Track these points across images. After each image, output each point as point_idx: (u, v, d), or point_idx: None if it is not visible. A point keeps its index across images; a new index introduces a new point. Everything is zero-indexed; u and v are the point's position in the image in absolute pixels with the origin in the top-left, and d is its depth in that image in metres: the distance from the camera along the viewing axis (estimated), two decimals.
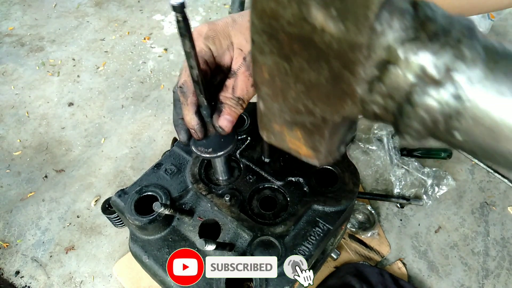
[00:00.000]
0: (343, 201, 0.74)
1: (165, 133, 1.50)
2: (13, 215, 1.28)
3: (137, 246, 0.74)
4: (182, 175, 0.80)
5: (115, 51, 1.86)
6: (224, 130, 0.63)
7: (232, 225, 0.72)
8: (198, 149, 0.66)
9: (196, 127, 0.63)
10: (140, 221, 0.70)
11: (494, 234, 1.20)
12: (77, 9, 2.11)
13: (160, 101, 1.63)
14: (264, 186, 0.79)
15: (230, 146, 0.67)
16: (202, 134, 0.64)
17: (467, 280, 1.11)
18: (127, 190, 0.78)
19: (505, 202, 1.27)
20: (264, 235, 0.69)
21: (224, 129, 0.63)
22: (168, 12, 2.07)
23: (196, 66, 0.53)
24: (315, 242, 0.70)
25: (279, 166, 0.81)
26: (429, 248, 1.18)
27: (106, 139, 1.50)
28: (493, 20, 1.64)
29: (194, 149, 0.67)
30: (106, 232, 1.23)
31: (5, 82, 1.72)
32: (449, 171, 1.33)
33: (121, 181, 1.36)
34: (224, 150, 0.66)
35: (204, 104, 0.60)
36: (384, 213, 1.25)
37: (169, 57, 1.82)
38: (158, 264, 0.71)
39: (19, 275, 1.16)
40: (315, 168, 0.80)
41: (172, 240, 0.73)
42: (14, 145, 1.48)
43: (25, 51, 1.87)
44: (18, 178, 1.38)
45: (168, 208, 0.66)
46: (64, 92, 1.68)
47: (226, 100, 0.62)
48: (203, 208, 0.75)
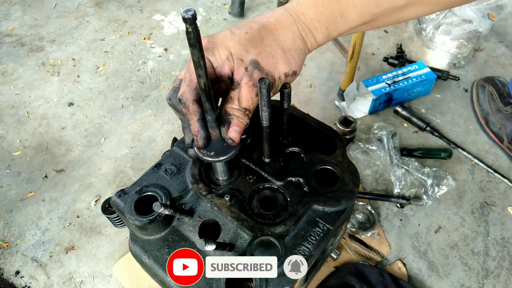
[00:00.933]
0: (343, 201, 0.74)
1: (165, 133, 1.50)
2: (13, 215, 1.28)
3: (137, 246, 0.74)
4: (182, 175, 0.80)
5: (115, 51, 1.86)
6: (234, 142, 0.66)
7: (232, 225, 0.72)
8: (200, 153, 0.68)
9: (198, 135, 0.66)
10: (140, 221, 0.70)
11: (494, 234, 1.20)
12: (77, 9, 2.11)
13: (160, 101, 1.63)
14: (264, 186, 0.79)
15: (233, 151, 0.68)
16: (203, 143, 0.67)
17: (467, 280, 1.11)
18: (127, 190, 0.78)
19: (505, 202, 1.27)
20: (264, 235, 0.69)
21: (234, 140, 0.65)
22: (168, 12, 2.07)
23: (204, 76, 0.55)
24: (315, 242, 0.70)
25: (279, 166, 0.81)
26: (429, 248, 1.18)
27: (106, 139, 1.50)
28: (493, 20, 1.64)
29: (197, 152, 0.68)
30: (106, 232, 1.23)
31: (5, 82, 1.72)
32: (449, 171, 1.33)
33: (121, 181, 1.36)
34: (227, 155, 0.68)
35: (210, 111, 0.62)
36: (384, 213, 1.25)
37: (169, 57, 1.82)
38: (158, 264, 0.71)
39: (19, 275, 1.16)
40: (315, 168, 0.80)
41: (172, 240, 0.73)
42: (14, 145, 1.48)
43: (25, 51, 1.87)
44: (18, 178, 1.38)
45: (168, 208, 0.65)
46: (64, 92, 1.68)
47: (233, 112, 0.63)
48: (203, 208, 0.75)
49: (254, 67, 0.62)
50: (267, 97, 0.63)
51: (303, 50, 0.68)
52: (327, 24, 0.67)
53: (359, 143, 1.40)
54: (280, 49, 0.65)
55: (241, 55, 0.62)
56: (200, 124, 0.65)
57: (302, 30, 0.67)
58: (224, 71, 0.63)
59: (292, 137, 0.85)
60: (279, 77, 0.66)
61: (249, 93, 0.63)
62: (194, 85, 0.62)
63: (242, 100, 0.63)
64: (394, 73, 1.53)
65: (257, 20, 0.67)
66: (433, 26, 1.73)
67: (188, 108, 0.63)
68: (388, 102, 1.52)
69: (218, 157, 0.67)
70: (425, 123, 1.44)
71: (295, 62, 0.66)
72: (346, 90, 1.51)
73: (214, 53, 0.62)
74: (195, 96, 0.62)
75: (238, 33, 0.63)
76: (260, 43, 0.64)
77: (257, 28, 0.65)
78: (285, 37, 0.65)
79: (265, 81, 0.60)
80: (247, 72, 0.62)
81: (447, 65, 1.72)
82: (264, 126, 0.71)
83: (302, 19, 0.66)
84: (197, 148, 0.69)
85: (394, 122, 1.50)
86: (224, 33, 0.64)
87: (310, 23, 0.66)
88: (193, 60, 0.53)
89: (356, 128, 1.38)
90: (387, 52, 1.79)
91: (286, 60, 0.65)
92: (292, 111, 0.89)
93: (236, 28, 0.65)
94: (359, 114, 1.53)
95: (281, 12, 0.67)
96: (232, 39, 0.63)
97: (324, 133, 0.87)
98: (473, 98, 1.52)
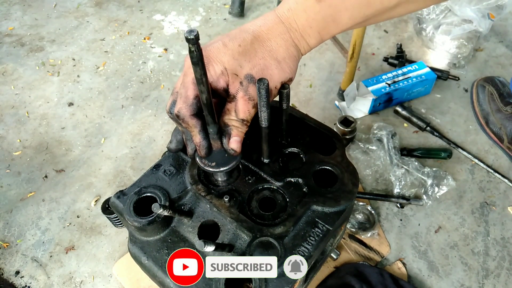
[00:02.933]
0: (342, 201, 0.74)
1: (165, 133, 1.50)
2: (13, 215, 1.28)
3: (136, 247, 0.74)
4: (181, 176, 0.80)
5: (115, 51, 1.86)
6: (236, 151, 0.69)
7: (231, 226, 0.72)
8: (202, 162, 0.72)
9: (201, 146, 0.69)
10: (139, 223, 0.70)
11: (494, 234, 1.20)
12: (77, 9, 2.11)
13: (160, 101, 1.63)
14: (263, 186, 0.78)
15: (233, 162, 0.72)
16: (205, 152, 0.70)
17: (467, 280, 1.11)
18: (126, 191, 0.78)
19: (505, 202, 1.27)
20: (263, 236, 0.69)
21: (236, 150, 0.68)
22: (168, 12, 2.07)
23: (206, 91, 0.58)
24: (314, 242, 0.69)
25: (278, 166, 0.81)
26: (429, 248, 1.18)
27: (106, 139, 1.50)
28: (493, 20, 1.63)
29: (199, 162, 0.72)
30: (106, 232, 1.23)
31: (5, 82, 1.73)
32: (449, 171, 1.33)
33: (121, 181, 1.36)
34: (227, 166, 0.72)
35: (212, 123, 0.65)
36: (384, 213, 1.25)
37: (169, 57, 1.82)
38: (158, 265, 0.70)
39: (19, 275, 1.16)
40: (315, 168, 0.80)
41: (171, 241, 0.73)
42: (14, 145, 1.48)
43: (25, 51, 1.87)
44: (18, 178, 1.38)
45: (167, 210, 0.65)
46: (64, 92, 1.68)
47: (232, 123, 0.66)
48: (202, 209, 0.75)
49: (249, 81, 0.64)
50: (266, 98, 0.63)
51: (297, 57, 0.69)
52: (319, 30, 0.67)
53: (359, 143, 1.40)
54: (274, 60, 0.66)
55: (235, 70, 0.64)
56: (201, 136, 0.68)
57: (295, 38, 0.67)
58: (220, 85, 0.64)
59: (291, 138, 0.85)
60: (275, 87, 0.67)
61: (245, 106, 0.65)
62: (190, 101, 0.64)
63: (239, 112, 0.65)
64: (394, 73, 1.53)
65: (249, 29, 0.67)
66: (433, 26, 1.73)
67: (187, 123, 0.66)
68: (388, 102, 1.52)
69: (219, 168, 0.71)
70: (425, 123, 1.44)
71: (290, 69, 0.68)
72: (346, 90, 1.50)
73: (209, 68, 0.63)
74: (192, 111, 0.65)
75: (231, 47, 0.64)
76: (254, 56, 0.65)
77: (250, 40, 0.65)
78: (278, 46, 0.66)
79: (264, 82, 0.60)
80: (242, 86, 0.64)
81: (447, 65, 1.71)
82: (263, 127, 0.71)
83: (294, 26, 0.66)
84: (199, 158, 0.72)
85: (394, 122, 1.50)
86: (217, 46, 0.64)
87: (303, 30, 0.67)
88: (196, 77, 0.56)
89: (356, 128, 1.38)
90: (387, 52, 1.79)
91: (281, 69, 0.67)
92: (291, 112, 0.89)
93: (228, 39, 0.65)
94: (359, 114, 1.53)
95: (272, 19, 0.67)
96: (226, 53, 0.63)
97: (323, 134, 0.87)
98: (473, 98, 1.52)
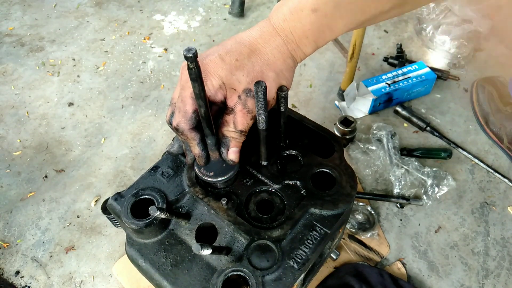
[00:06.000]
0: (340, 204, 0.74)
1: (165, 133, 1.50)
2: (13, 215, 1.29)
3: (134, 249, 0.74)
4: (179, 178, 0.80)
5: (115, 51, 1.86)
6: (235, 162, 0.72)
7: (228, 229, 0.72)
8: (200, 172, 0.75)
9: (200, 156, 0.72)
10: (136, 225, 0.70)
11: (494, 234, 1.20)
12: (77, 9, 2.11)
13: (160, 101, 1.63)
14: (261, 189, 0.78)
15: (231, 172, 0.75)
16: (204, 162, 0.73)
17: (467, 280, 1.11)
18: (124, 193, 0.78)
19: (505, 202, 1.27)
20: (261, 239, 0.69)
21: (235, 160, 0.71)
22: (168, 12, 2.07)
23: (204, 106, 0.61)
24: (312, 246, 0.69)
25: (276, 169, 0.81)
26: (429, 248, 1.18)
27: (106, 139, 1.50)
28: (493, 20, 1.62)
29: (197, 171, 0.75)
30: (106, 232, 1.24)
31: (5, 82, 1.73)
32: (449, 171, 1.33)
33: (121, 181, 1.36)
34: (226, 175, 0.75)
35: (210, 135, 0.68)
36: (384, 213, 1.25)
37: (169, 57, 1.82)
38: (155, 268, 0.71)
39: (19, 275, 1.16)
40: (313, 171, 0.80)
41: (169, 244, 0.73)
42: (14, 145, 1.49)
43: (25, 51, 1.87)
44: (18, 178, 1.39)
45: (164, 212, 0.65)
46: (64, 92, 1.68)
47: (230, 134, 0.68)
48: (199, 212, 0.75)
49: (247, 95, 0.65)
50: (264, 101, 0.63)
51: (293, 67, 0.71)
52: (315, 38, 0.68)
53: (359, 143, 1.39)
54: (271, 72, 0.67)
55: (233, 84, 0.65)
56: (200, 147, 0.70)
57: (291, 49, 0.68)
58: (218, 98, 0.65)
59: (290, 140, 0.85)
60: (273, 98, 0.69)
61: (244, 118, 0.66)
62: (189, 115, 0.65)
63: (237, 124, 0.67)
64: (394, 73, 1.52)
65: (245, 41, 0.67)
66: (433, 26, 1.72)
67: (186, 135, 0.68)
68: (388, 102, 1.52)
69: (217, 178, 0.74)
70: (425, 123, 1.44)
71: (287, 80, 0.70)
72: (346, 90, 1.50)
73: (207, 83, 0.63)
74: (191, 125, 0.66)
75: (228, 61, 0.64)
76: (252, 70, 0.65)
77: (247, 53, 0.66)
78: (275, 59, 0.67)
79: (261, 85, 0.60)
80: (241, 100, 0.65)
81: (447, 65, 1.71)
82: (261, 129, 0.70)
83: (290, 38, 0.67)
84: (198, 168, 0.75)
85: (394, 122, 1.50)
86: (214, 60, 0.64)
87: (299, 40, 0.67)
88: (195, 93, 0.58)
89: (356, 128, 1.38)
90: (387, 52, 1.78)
91: (278, 81, 0.68)
92: (289, 114, 0.89)
93: (225, 52, 0.65)
94: (359, 114, 1.52)
95: (269, 31, 0.67)
96: (223, 67, 0.64)
97: (321, 136, 0.87)
98: (473, 98, 1.51)
